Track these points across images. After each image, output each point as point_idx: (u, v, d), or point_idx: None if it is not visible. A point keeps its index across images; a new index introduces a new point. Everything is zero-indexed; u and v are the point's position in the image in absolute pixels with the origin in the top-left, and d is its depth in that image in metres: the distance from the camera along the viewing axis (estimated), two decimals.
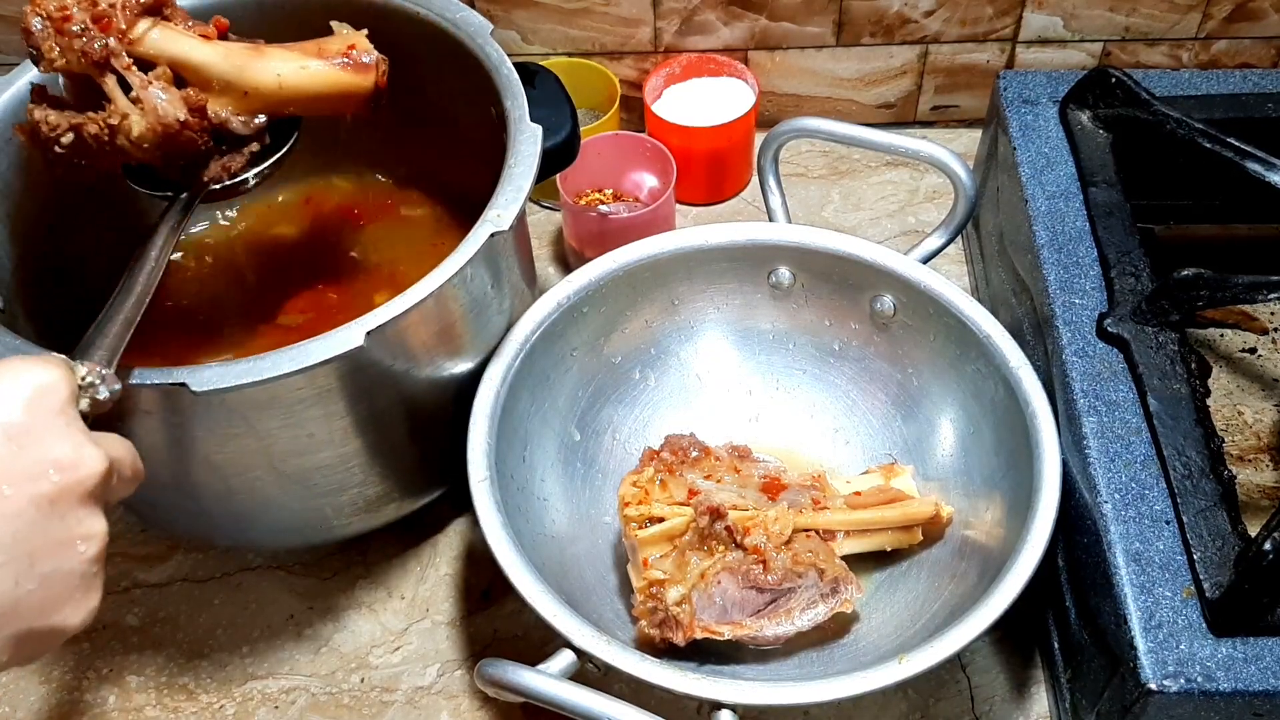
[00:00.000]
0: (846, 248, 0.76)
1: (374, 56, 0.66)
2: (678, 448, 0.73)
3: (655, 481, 0.70)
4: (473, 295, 0.67)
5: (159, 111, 0.60)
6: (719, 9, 0.96)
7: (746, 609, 0.67)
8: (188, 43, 0.62)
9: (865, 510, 0.71)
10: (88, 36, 0.59)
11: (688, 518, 0.68)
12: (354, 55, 0.66)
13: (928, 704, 0.70)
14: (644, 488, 0.69)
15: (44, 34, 0.59)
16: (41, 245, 0.75)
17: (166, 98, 0.61)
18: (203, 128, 0.62)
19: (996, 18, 0.97)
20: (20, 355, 0.43)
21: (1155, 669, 0.56)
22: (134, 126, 0.60)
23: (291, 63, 0.64)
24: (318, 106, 0.66)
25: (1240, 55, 0.99)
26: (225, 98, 0.63)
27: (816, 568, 0.66)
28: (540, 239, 0.97)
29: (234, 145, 0.65)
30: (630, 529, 0.68)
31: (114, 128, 0.60)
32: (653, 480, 0.70)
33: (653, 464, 0.71)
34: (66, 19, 0.59)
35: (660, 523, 0.69)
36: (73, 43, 0.58)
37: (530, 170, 0.66)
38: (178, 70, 0.62)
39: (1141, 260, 0.72)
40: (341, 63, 0.65)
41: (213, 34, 0.64)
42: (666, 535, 0.68)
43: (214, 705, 0.72)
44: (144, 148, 0.61)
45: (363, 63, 0.66)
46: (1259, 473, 0.74)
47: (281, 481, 0.66)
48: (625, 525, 0.69)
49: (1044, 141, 0.80)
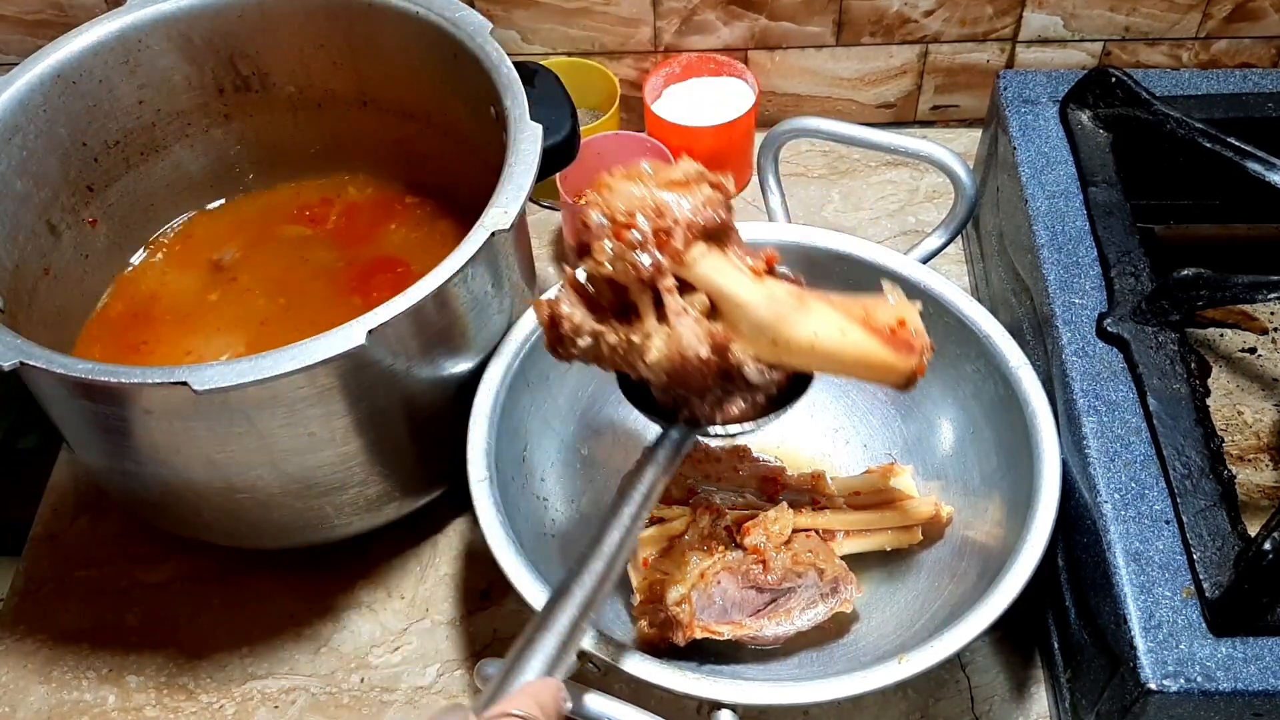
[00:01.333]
0: (846, 248, 0.76)
1: (923, 340, 0.59)
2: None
3: None
4: (473, 295, 0.67)
5: (683, 343, 0.56)
6: (719, 9, 0.95)
7: (746, 609, 0.66)
8: (736, 278, 0.57)
9: (865, 510, 0.71)
10: (643, 250, 0.55)
11: (687, 517, 0.68)
12: (901, 332, 0.59)
13: (928, 704, 0.70)
14: None
15: (600, 232, 0.55)
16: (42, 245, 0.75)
17: (696, 330, 0.56)
18: (717, 368, 0.57)
19: (996, 17, 0.97)
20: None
21: (1155, 669, 0.56)
22: (652, 351, 0.56)
23: (831, 324, 0.58)
24: (842, 370, 0.59)
25: (1240, 55, 0.99)
26: (751, 342, 0.58)
27: (816, 568, 0.66)
28: (540, 239, 0.97)
29: (739, 386, 0.59)
30: None
31: (632, 346, 0.57)
32: None
33: None
34: (629, 226, 0.55)
35: (660, 523, 0.69)
36: (626, 253, 0.55)
37: (530, 169, 0.66)
38: (715, 301, 0.57)
39: (1141, 260, 0.72)
40: (885, 338, 0.58)
41: (761, 269, 0.59)
42: (666, 535, 0.69)
43: (214, 705, 0.72)
44: (648, 377, 0.58)
45: (909, 343, 0.58)
46: (1259, 472, 0.74)
47: (283, 480, 0.67)
48: None
49: (1044, 141, 0.80)
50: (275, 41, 0.79)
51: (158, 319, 0.79)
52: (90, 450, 0.71)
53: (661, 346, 0.56)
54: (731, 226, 0.59)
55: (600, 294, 0.58)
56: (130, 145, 0.79)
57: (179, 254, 0.83)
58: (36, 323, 0.73)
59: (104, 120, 0.77)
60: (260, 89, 0.82)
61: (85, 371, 0.58)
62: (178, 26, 0.77)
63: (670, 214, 0.55)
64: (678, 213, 0.56)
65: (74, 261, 0.78)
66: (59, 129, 0.74)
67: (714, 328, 0.57)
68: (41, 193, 0.74)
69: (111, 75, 0.76)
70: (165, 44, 0.77)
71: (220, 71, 0.80)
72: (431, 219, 0.85)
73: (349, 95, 0.83)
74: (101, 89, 0.76)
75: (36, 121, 0.72)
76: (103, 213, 0.79)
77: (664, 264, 0.55)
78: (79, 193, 0.77)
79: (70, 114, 0.74)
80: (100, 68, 0.75)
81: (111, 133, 0.78)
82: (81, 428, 0.68)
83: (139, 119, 0.79)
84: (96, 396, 0.62)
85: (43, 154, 0.73)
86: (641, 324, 0.57)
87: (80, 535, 0.80)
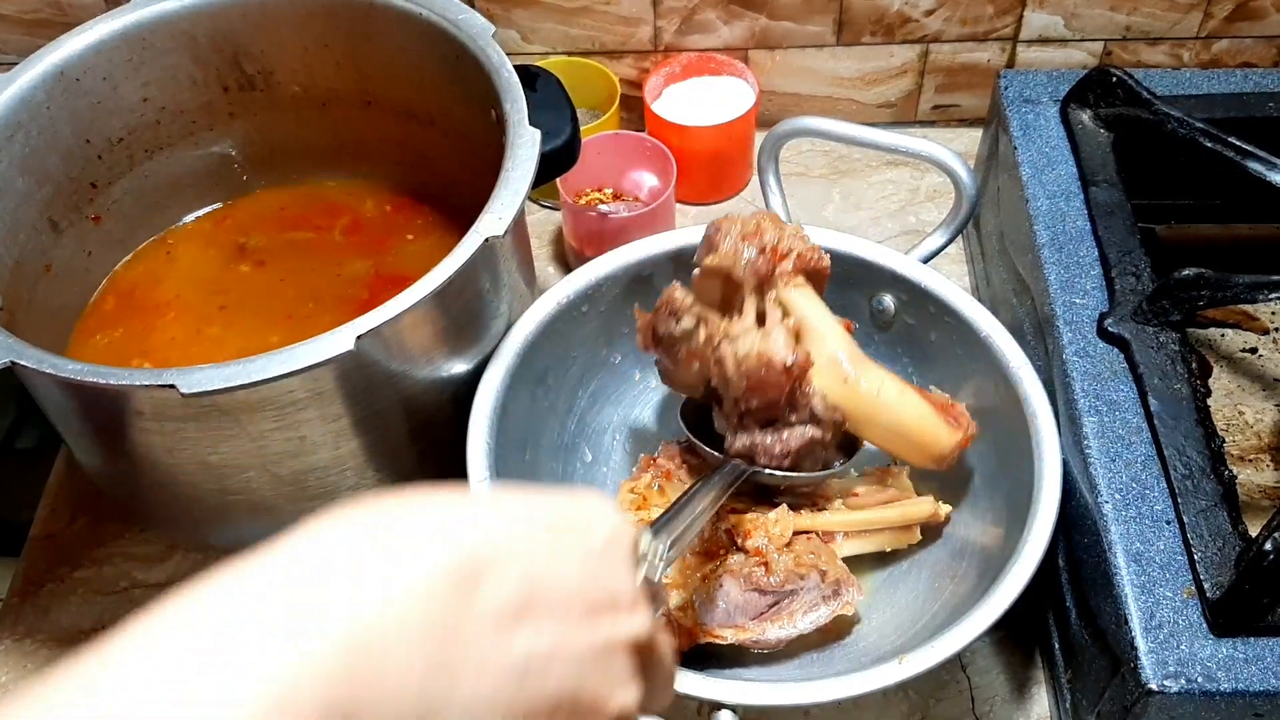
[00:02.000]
0: (846, 247, 0.76)
1: (970, 422, 0.67)
2: (674, 454, 0.73)
3: (653, 488, 0.69)
4: (469, 298, 0.67)
5: (774, 346, 0.63)
6: (719, 8, 0.95)
7: (749, 611, 0.66)
8: (826, 314, 0.66)
9: (864, 511, 0.71)
10: (760, 255, 0.64)
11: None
12: (952, 410, 0.68)
13: (928, 704, 0.70)
14: (642, 494, 0.69)
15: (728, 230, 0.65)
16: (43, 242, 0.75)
17: (785, 341, 0.63)
18: (792, 386, 0.63)
19: (997, 17, 0.97)
20: (598, 496, 0.40)
21: (1156, 669, 0.56)
22: (744, 344, 0.63)
23: (893, 383, 0.66)
24: (895, 425, 0.66)
25: (1241, 54, 0.99)
26: (824, 375, 0.65)
27: (818, 569, 0.66)
28: (540, 239, 0.97)
29: (801, 420, 0.65)
30: None
31: (728, 336, 0.63)
32: (650, 486, 0.69)
33: (650, 471, 0.71)
34: (757, 234, 0.65)
35: None
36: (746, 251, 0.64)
37: (527, 175, 0.66)
38: (801, 330, 0.65)
39: (1142, 260, 0.72)
40: (938, 408, 0.67)
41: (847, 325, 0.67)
42: None
43: None
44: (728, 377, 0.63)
45: (959, 418, 0.67)
46: (1260, 473, 0.74)
47: (275, 483, 0.66)
48: None
49: (1045, 141, 0.80)
50: (279, 41, 0.79)
51: (158, 318, 0.79)
52: (86, 450, 0.71)
53: (753, 343, 0.62)
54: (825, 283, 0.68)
55: (708, 292, 0.66)
56: (134, 143, 0.79)
57: (180, 253, 0.83)
58: (36, 320, 0.73)
59: (107, 118, 0.77)
60: (265, 88, 0.82)
61: (75, 372, 0.58)
62: (182, 25, 0.76)
63: (786, 242, 0.65)
64: (792, 244, 0.65)
65: (76, 259, 0.78)
66: (62, 126, 0.74)
67: (800, 350, 0.64)
68: (43, 190, 0.74)
69: (115, 73, 0.76)
70: (170, 42, 0.77)
71: (225, 70, 0.80)
72: (433, 220, 0.85)
73: (352, 95, 0.83)
74: (105, 86, 0.75)
75: (39, 119, 0.72)
76: (106, 210, 0.79)
77: (774, 272, 0.64)
78: (81, 190, 0.77)
79: (73, 111, 0.74)
80: (104, 65, 0.75)
81: (115, 130, 0.78)
82: (77, 427, 0.68)
83: (143, 117, 0.79)
84: (88, 397, 0.62)
85: (45, 151, 0.73)
86: (742, 321, 0.64)
87: (80, 535, 0.80)
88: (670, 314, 0.66)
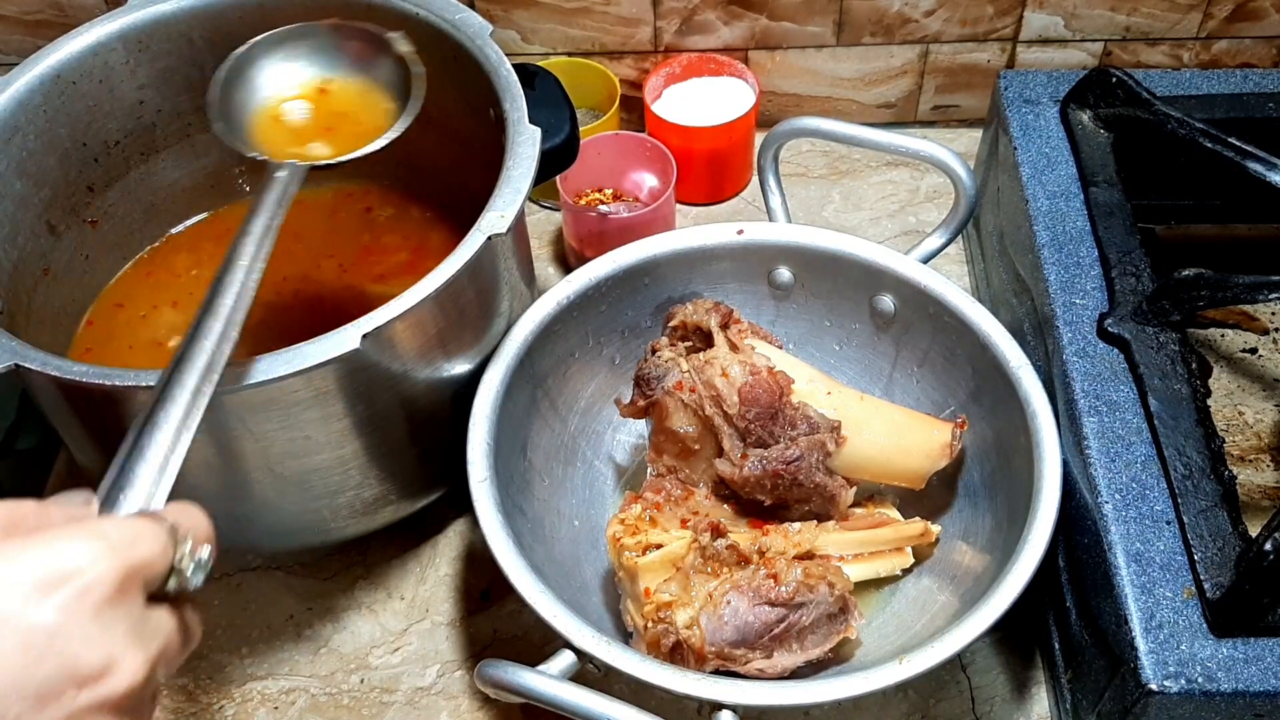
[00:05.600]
0: (846, 248, 0.76)
1: (956, 422, 0.72)
2: (660, 488, 0.71)
3: (644, 518, 0.68)
4: (470, 297, 0.67)
5: (755, 358, 0.70)
6: (719, 8, 0.95)
7: (757, 627, 0.64)
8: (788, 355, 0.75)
9: (860, 530, 0.70)
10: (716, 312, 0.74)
11: (688, 540, 0.66)
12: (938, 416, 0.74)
13: (928, 704, 0.70)
14: (633, 525, 0.67)
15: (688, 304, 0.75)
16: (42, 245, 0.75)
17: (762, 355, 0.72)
18: (782, 395, 0.69)
19: (997, 17, 0.97)
20: (66, 528, 0.36)
21: (1156, 669, 0.56)
22: (727, 362, 0.70)
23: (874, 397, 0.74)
24: (888, 442, 0.71)
25: (1241, 55, 0.99)
26: (809, 395, 0.71)
27: (828, 581, 0.65)
28: (540, 239, 0.97)
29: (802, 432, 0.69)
30: (628, 559, 0.65)
31: (709, 361, 0.70)
32: (641, 517, 0.68)
33: (637, 504, 0.69)
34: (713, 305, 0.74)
35: (659, 548, 0.65)
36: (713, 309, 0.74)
37: (528, 173, 0.66)
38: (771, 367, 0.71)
39: (1142, 260, 0.72)
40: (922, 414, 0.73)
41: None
42: (668, 560, 0.65)
43: (213, 706, 0.72)
44: (720, 394, 0.69)
45: (944, 421, 0.73)
46: (1260, 473, 0.74)
47: (279, 484, 0.66)
48: (619, 557, 0.66)
49: (1044, 141, 0.80)
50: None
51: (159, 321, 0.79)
52: (86, 451, 0.71)
53: (735, 360, 0.70)
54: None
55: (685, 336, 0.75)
56: (131, 146, 0.79)
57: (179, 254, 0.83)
58: (35, 323, 0.73)
59: (104, 121, 0.77)
60: None
61: (79, 374, 0.58)
62: (178, 27, 0.76)
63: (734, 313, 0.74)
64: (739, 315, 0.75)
65: (74, 262, 0.78)
66: (59, 129, 0.74)
67: (777, 372, 0.70)
68: (41, 193, 0.74)
69: (112, 76, 0.76)
70: (166, 44, 0.77)
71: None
72: (433, 220, 0.85)
73: None
74: (102, 89, 0.75)
75: (36, 122, 0.72)
76: (103, 213, 0.79)
77: (733, 319, 0.73)
78: (79, 193, 0.77)
79: (70, 114, 0.74)
80: (100, 68, 0.75)
81: (112, 133, 0.78)
82: (78, 429, 0.68)
83: (139, 119, 0.79)
84: (91, 399, 0.62)
85: (42, 154, 0.73)
86: (717, 348, 0.71)
87: None
88: (652, 352, 0.72)
